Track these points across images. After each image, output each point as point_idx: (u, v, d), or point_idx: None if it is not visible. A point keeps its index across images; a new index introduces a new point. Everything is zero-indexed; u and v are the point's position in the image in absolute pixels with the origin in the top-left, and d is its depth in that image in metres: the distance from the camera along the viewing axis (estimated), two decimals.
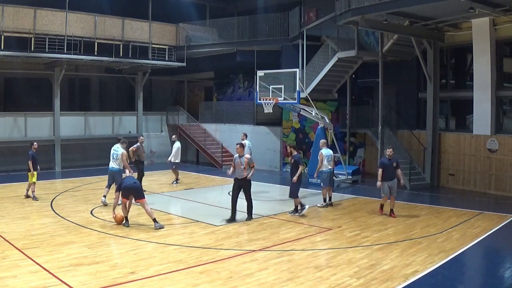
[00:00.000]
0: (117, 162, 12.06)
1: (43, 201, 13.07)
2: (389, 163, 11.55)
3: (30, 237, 9.20)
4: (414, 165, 16.90)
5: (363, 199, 14.37)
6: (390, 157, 11.57)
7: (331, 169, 13.41)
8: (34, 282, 6.75)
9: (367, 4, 14.06)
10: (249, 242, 9.27)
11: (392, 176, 11.54)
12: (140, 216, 11.46)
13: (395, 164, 11.61)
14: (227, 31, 22.49)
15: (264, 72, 16.61)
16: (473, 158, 16.03)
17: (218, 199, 14.08)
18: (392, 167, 11.55)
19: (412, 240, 9.52)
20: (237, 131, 22.74)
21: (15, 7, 17.94)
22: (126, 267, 7.54)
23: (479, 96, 15.68)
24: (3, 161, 19.03)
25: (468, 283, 7.66)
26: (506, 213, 12.05)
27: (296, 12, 20.39)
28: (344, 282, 7.06)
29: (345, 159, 19.12)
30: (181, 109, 25.06)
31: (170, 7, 22.75)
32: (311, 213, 12.29)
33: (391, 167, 11.53)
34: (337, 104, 20.59)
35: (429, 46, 16.56)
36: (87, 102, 24.90)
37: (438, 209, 12.90)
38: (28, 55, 18.12)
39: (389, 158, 11.57)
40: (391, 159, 11.58)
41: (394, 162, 11.60)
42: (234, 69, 24.38)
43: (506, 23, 14.93)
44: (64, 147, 20.01)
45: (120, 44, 20.67)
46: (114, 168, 12.08)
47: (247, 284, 6.95)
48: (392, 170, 11.57)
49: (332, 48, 18.64)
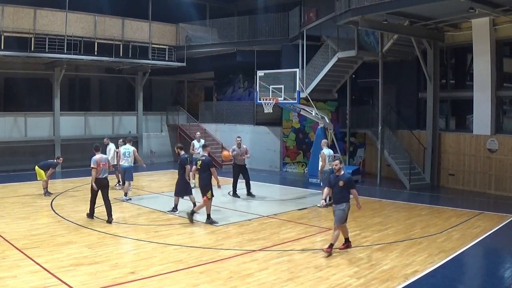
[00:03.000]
0: (129, 159, 13.40)
1: (43, 201, 13.08)
2: (335, 180, 8.60)
3: (30, 237, 9.21)
4: (414, 165, 16.90)
5: (363, 199, 14.25)
6: (337, 172, 8.65)
7: (332, 169, 13.39)
8: (34, 282, 6.75)
9: (367, 4, 14.06)
10: (249, 242, 9.27)
11: (337, 199, 8.53)
12: (140, 216, 11.48)
13: (342, 184, 8.44)
14: (227, 31, 22.50)
15: (264, 72, 16.62)
16: (473, 158, 16.03)
17: (218, 199, 14.04)
18: (338, 186, 8.49)
19: (412, 240, 9.52)
20: (237, 131, 22.74)
21: (15, 7, 17.94)
22: (126, 267, 7.54)
23: (479, 96, 15.68)
24: (3, 161, 19.03)
25: (468, 283, 7.66)
26: (506, 213, 12.05)
27: (296, 12, 20.40)
28: (344, 282, 7.06)
29: (345, 159, 19.12)
30: (181, 109, 25.07)
31: (170, 7, 22.75)
32: (311, 213, 12.30)
33: (337, 186, 8.52)
34: (337, 104, 20.60)
35: (429, 46, 16.56)
36: (87, 102, 24.91)
37: (438, 209, 12.90)
38: (28, 55, 18.12)
39: (336, 174, 8.69)
40: (339, 175, 8.62)
41: (341, 181, 8.49)
42: (234, 69, 24.39)
43: (506, 23, 14.93)
44: (64, 147, 20.02)
45: (120, 44, 20.68)
46: (126, 165, 13.43)
47: (247, 284, 6.95)
48: (338, 190, 8.48)
49: (332, 48, 18.65)
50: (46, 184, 13.84)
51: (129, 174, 13.39)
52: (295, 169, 20.41)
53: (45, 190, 13.82)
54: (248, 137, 22.07)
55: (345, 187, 8.46)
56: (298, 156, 20.57)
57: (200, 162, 10.86)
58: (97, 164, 10.52)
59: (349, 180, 8.64)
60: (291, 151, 20.54)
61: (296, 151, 20.58)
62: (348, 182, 8.54)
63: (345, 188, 8.46)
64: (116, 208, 12.48)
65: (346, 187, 8.47)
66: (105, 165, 10.75)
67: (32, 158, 15.64)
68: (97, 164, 10.52)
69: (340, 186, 8.46)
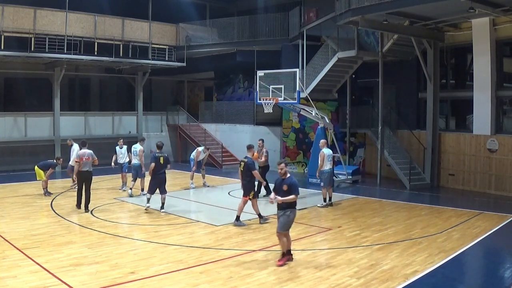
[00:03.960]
0: (137, 158, 13.95)
1: (43, 201, 13.08)
2: (280, 184, 8.00)
3: (30, 237, 9.21)
4: (414, 165, 16.90)
5: (363, 199, 14.37)
6: (282, 175, 8.03)
7: (331, 169, 13.41)
8: (34, 282, 6.75)
9: (367, 4, 14.06)
10: (249, 242, 9.27)
11: (281, 204, 7.90)
12: (140, 217, 11.47)
13: (285, 188, 7.85)
14: (227, 31, 22.50)
15: (264, 72, 16.61)
16: (473, 158, 16.03)
17: (218, 199, 14.07)
18: (282, 191, 7.89)
19: (412, 240, 9.51)
20: (237, 131, 22.78)
21: (15, 7, 17.95)
22: (126, 267, 7.54)
23: (479, 96, 15.68)
24: (3, 161, 19.03)
25: (468, 283, 7.65)
26: (506, 213, 12.04)
27: (296, 12, 20.40)
28: (344, 282, 7.06)
29: (345, 159, 19.13)
30: (181, 109, 25.08)
31: (170, 7, 22.75)
32: (311, 213, 12.30)
33: (281, 190, 7.91)
34: (337, 104, 20.60)
35: (429, 46, 16.55)
36: (87, 102, 24.91)
37: (438, 209, 12.89)
38: (28, 55, 18.13)
39: (282, 177, 8.05)
40: (285, 178, 8.00)
41: (285, 185, 7.89)
42: (234, 69, 24.39)
43: (506, 23, 14.93)
44: (64, 147, 19.97)
45: (120, 44, 20.68)
46: (136, 163, 14.00)
47: (247, 284, 6.95)
48: (283, 195, 7.86)
49: (332, 48, 18.64)
50: (45, 184, 13.86)
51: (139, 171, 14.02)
52: (295, 169, 20.40)
53: (45, 190, 13.83)
54: (248, 137, 22.05)
55: (289, 191, 7.80)
56: (298, 156, 20.57)
57: (243, 164, 10.96)
58: (80, 158, 11.67)
59: (291, 184, 7.87)
60: (291, 151, 20.54)
61: (296, 151, 20.58)
62: (290, 186, 7.84)
63: (289, 192, 7.79)
64: (116, 208, 12.52)
65: (289, 191, 7.80)
66: (88, 159, 11.75)
67: (32, 158, 15.64)
68: (80, 158, 11.67)
69: (284, 190, 7.84)
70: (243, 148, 21.91)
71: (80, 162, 11.63)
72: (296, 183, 7.97)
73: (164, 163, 11.75)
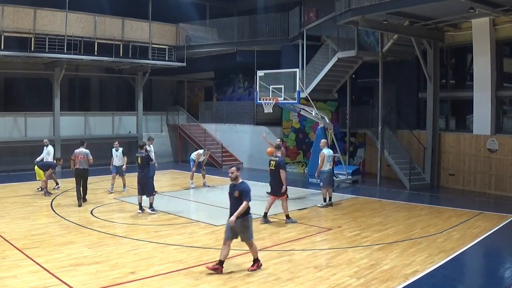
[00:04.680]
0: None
1: (43, 201, 13.08)
2: (232, 190, 7.58)
3: (30, 237, 9.21)
4: (414, 165, 16.89)
5: (363, 199, 14.37)
6: (233, 180, 7.60)
7: (331, 169, 13.41)
8: (34, 282, 6.75)
9: (367, 4, 14.06)
10: None
11: (234, 211, 7.37)
12: (140, 216, 11.47)
13: (237, 194, 7.43)
14: (227, 31, 22.50)
15: (264, 72, 16.61)
16: (473, 158, 16.02)
17: (218, 199, 14.06)
18: (233, 197, 7.49)
19: (412, 240, 9.51)
20: (237, 131, 22.78)
21: (15, 7, 17.94)
22: (126, 267, 7.54)
23: (479, 96, 15.68)
24: (3, 161, 19.04)
25: (468, 283, 7.64)
26: (506, 213, 12.04)
27: (296, 12, 20.39)
28: (344, 282, 7.06)
29: (345, 159, 19.12)
30: (181, 109, 25.07)
31: (170, 7, 22.75)
32: (311, 213, 12.30)
33: (233, 196, 7.52)
34: (337, 104, 20.60)
35: (429, 46, 16.55)
36: (87, 102, 24.91)
37: (438, 209, 12.89)
38: (28, 55, 18.12)
39: (233, 182, 7.62)
40: (236, 184, 7.57)
41: (237, 191, 7.46)
42: (234, 69, 24.39)
43: (506, 23, 14.93)
44: (64, 147, 19.99)
45: (120, 44, 20.68)
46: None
47: (247, 284, 6.95)
48: (235, 201, 7.43)
49: (332, 48, 18.64)
50: (45, 184, 13.85)
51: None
52: (295, 169, 20.40)
53: (45, 190, 13.82)
54: (248, 137, 22.08)
55: (240, 197, 7.37)
56: (298, 156, 20.56)
57: (273, 163, 11.08)
58: (75, 157, 12.50)
59: (243, 190, 7.43)
60: (291, 151, 20.53)
61: (296, 151, 20.58)
62: (241, 192, 7.41)
63: (240, 198, 7.36)
64: (116, 208, 12.52)
65: (240, 197, 7.37)
66: (83, 158, 12.43)
67: (32, 158, 15.58)
68: (75, 157, 12.50)
69: (235, 196, 7.45)
70: (243, 148, 22.32)
71: (75, 160, 12.49)
72: (248, 188, 7.47)
73: (141, 163, 11.57)
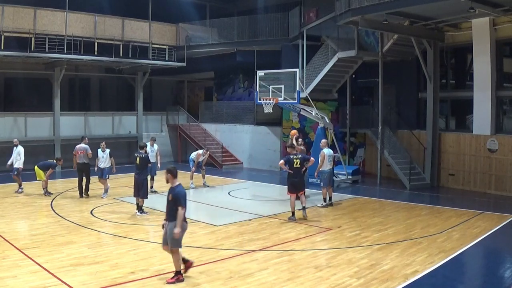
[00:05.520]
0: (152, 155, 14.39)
1: (43, 201, 13.08)
2: (168, 193, 7.20)
3: (30, 237, 9.22)
4: (414, 165, 16.89)
5: (363, 199, 14.37)
6: (167, 183, 7.25)
7: (331, 169, 13.40)
8: (34, 282, 6.75)
9: (367, 4, 14.06)
10: (249, 242, 9.26)
11: (170, 216, 7.03)
12: (140, 216, 11.46)
13: (170, 198, 7.03)
14: (227, 31, 22.50)
15: (264, 72, 16.61)
16: (473, 158, 16.02)
17: (218, 199, 14.07)
18: (168, 200, 7.11)
19: (412, 240, 9.51)
20: (237, 131, 22.79)
21: (15, 7, 17.94)
22: (126, 267, 7.54)
23: (479, 96, 15.68)
24: (3, 161, 18.98)
25: (468, 283, 7.65)
26: (506, 213, 12.04)
27: (296, 12, 20.39)
28: (344, 282, 7.06)
29: (345, 159, 19.12)
30: (181, 109, 25.07)
31: (170, 7, 22.74)
32: (311, 212, 12.29)
33: (168, 200, 7.13)
34: (337, 104, 20.59)
35: (429, 46, 16.55)
36: (87, 102, 24.91)
37: (438, 209, 12.89)
38: (28, 55, 18.12)
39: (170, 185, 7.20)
40: (173, 186, 7.11)
41: (170, 194, 7.06)
42: (234, 69, 24.37)
43: (506, 23, 14.92)
44: (64, 147, 19.99)
45: (120, 44, 20.67)
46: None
47: (247, 284, 6.95)
48: (170, 205, 7.05)
49: (332, 48, 18.64)
50: (45, 184, 13.87)
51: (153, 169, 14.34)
52: None
53: (45, 190, 13.83)
54: (248, 137, 22.09)
55: (174, 202, 6.94)
56: None
57: (298, 161, 11.31)
58: (76, 152, 13.67)
59: (176, 194, 6.96)
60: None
61: None
62: (174, 196, 6.96)
63: (174, 203, 6.92)
64: (116, 208, 12.52)
65: (174, 202, 6.93)
66: (83, 152, 13.59)
67: (32, 158, 15.61)
68: (76, 152, 13.67)
69: (169, 200, 7.05)
70: (243, 148, 22.31)
71: (76, 155, 13.62)
72: (182, 193, 6.97)
73: (140, 164, 11.56)
